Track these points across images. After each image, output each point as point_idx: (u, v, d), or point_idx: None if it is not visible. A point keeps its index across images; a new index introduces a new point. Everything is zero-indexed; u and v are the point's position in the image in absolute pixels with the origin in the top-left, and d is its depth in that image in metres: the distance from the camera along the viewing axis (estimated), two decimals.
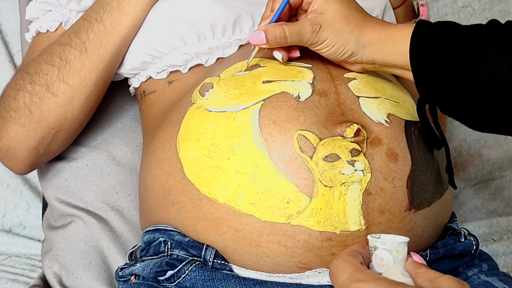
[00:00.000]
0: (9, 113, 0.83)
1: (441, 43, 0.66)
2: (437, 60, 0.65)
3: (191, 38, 0.80)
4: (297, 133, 0.66)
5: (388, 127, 0.69)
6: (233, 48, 0.81)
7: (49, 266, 0.89)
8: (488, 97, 0.63)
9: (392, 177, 0.67)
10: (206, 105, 0.71)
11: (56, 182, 0.92)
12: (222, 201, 0.67)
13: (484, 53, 0.63)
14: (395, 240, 0.55)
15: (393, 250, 0.51)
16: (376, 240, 0.52)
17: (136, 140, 0.94)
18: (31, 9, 0.89)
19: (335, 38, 0.70)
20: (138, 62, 0.84)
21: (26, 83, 0.82)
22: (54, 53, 0.83)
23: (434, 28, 0.67)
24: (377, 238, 0.55)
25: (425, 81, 0.67)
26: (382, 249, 0.52)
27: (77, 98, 0.83)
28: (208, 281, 0.67)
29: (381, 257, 0.52)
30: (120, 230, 0.90)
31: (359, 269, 0.48)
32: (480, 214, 1.27)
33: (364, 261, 0.52)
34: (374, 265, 0.52)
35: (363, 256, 0.52)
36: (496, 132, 0.68)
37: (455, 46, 0.65)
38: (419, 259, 0.56)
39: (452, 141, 1.31)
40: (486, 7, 1.39)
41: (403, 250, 0.52)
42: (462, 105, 0.66)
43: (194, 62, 0.81)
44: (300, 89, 0.70)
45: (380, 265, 0.52)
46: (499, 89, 0.63)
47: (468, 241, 0.74)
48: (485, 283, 0.73)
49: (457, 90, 0.65)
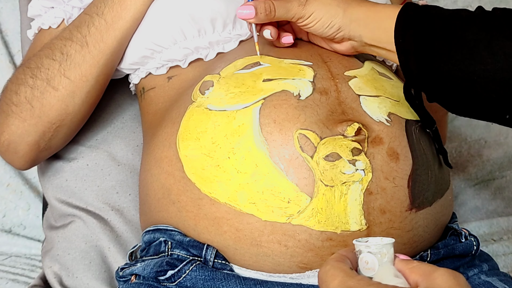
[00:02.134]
0: (10, 108, 0.83)
1: (425, 24, 0.66)
2: (419, 40, 0.66)
3: (191, 32, 0.80)
4: (298, 132, 0.66)
5: (389, 126, 0.69)
6: (233, 43, 0.81)
7: (49, 266, 0.89)
8: (464, 78, 0.63)
9: (393, 177, 0.67)
10: (206, 103, 0.71)
11: (56, 182, 0.92)
12: (222, 201, 0.66)
13: (463, 34, 0.64)
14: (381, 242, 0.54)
15: (378, 253, 0.51)
16: (360, 244, 0.52)
17: (136, 140, 0.94)
18: (34, 6, 0.90)
19: (321, 11, 0.71)
20: (138, 57, 0.84)
21: (28, 77, 0.83)
22: (55, 48, 0.83)
23: (420, 10, 0.68)
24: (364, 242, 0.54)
25: (407, 61, 0.67)
26: (367, 252, 0.51)
27: (78, 92, 0.83)
28: (208, 281, 0.67)
29: (366, 260, 0.51)
30: (120, 230, 0.90)
31: (350, 275, 0.48)
32: (480, 214, 1.27)
33: (352, 266, 0.51)
34: (360, 269, 0.51)
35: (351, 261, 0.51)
36: (475, 117, 0.68)
37: (437, 27, 0.65)
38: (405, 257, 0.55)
39: (452, 141, 1.31)
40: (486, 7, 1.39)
41: (388, 252, 0.51)
42: (441, 86, 0.66)
43: (194, 56, 0.81)
44: (300, 88, 0.70)
45: (366, 268, 0.51)
46: (475, 70, 0.63)
47: (468, 242, 0.74)
48: (486, 283, 0.73)
49: (436, 71, 0.65)
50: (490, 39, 0.62)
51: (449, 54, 0.64)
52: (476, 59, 0.62)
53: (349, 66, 0.75)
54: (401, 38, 0.67)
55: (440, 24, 0.66)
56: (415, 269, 0.49)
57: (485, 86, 0.62)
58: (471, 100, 0.65)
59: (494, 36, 0.62)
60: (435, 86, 0.66)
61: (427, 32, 0.66)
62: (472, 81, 0.63)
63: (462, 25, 0.64)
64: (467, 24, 0.64)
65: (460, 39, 0.64)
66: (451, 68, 0.64)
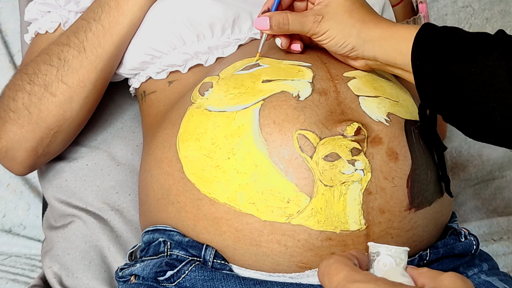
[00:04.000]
0: (8, 114, 0.83)
1: (443, 47, 0.65)
2: (437, 64, 0.65)
3: (190, 37, 0.80)
4: (297, 133, 0.66)
5: (388, 126, 0.69)
6: (232, 47, 0.81)
7: (49, 266, 0.89)
8: (483, 105, 0.62)
9: (393, 177, 0.67)
10: (206, 104, 0.71)
11: (56, 182, 0.92)
12: (222, 201, 0.66)
13: (483, 59, 0.62)
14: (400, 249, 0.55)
15: (397, 257, 0.51)
16: (380, 245, 0.52)
17: (136, 140, 0.94)
18: (30, 10, 0.89)
19: (336, 30, 0.71)
20: (138, 62, 0.84)
21: (25, 83, 0.82)
22: (52, 53, 0.83)
23: (438, 32, 0.67)
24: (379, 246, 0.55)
25: (424, 84, 0.66)
26: (386, 255, 0.52)
27: (76, 98, 0.83)
28: (208, 281, 0.67)
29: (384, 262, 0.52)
30: (120, 230, 0.90)
31: (356, 270, 0.48)
32: (480, 214, 1.27)
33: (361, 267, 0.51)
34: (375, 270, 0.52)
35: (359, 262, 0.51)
36: (492, 142, 0.67)
37: (456, 51, 0.64)
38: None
39: (452, 141, 1.31)
40: (486, 7, 1.39)
41: (405, 258, 0.52)
42: (459, 111, 0.65)
43: (193, 62, 0.81)
44: (299, 88, 0.70)
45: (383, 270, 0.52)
46: (494, 97, 0.62)
47: (468, 241, 0.74)
48: (486, 283, 0.73)
49: (454, 95, 0.64)
50: (511, 66, 0.61)
51: (468, 80, 0.63)
52: (496, 86, 0.61)
53: (348, 67, 0.75)
54: (418, 61, 0.66)
55: (459, 48, 0.64)
56: (423, 273, 0.49)
57: (504, 114, 0.61)
58: (489, 127, 0.64)
59: None
60: (452, 110, 0.65)
61: (445, 56, 0.64)
62: (491, 108, 0.62)
63: (482, 50, 0.63)
64: (487, 49, 0.63)
65: (479, 65, 0.62)
66: (469, 94, 0.63)
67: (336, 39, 0.71)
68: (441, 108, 0.67)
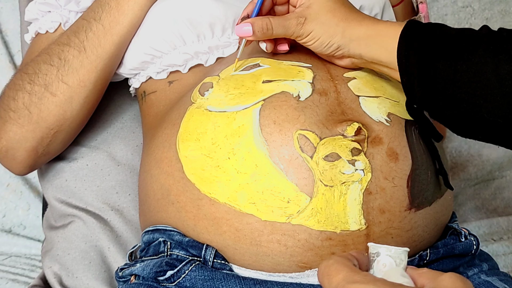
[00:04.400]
0: (8, 114, 0.83)
1: (429, 45, 0.65)
2: (423, 61, 0.65)
3: (190, 37, 0.80)
4: (298, 133, 0.66)
5: (388, 126, 0.69)
6: (232, 47, 0.81)
7: (49, 266, 0.89)
8: (470, 102, 0.62)
9: (393, 177, 0.67)
10: (206, 104, 0.71)
11: (56, 182, 0.92)
12: (222, 201, 0.66)
13: (469, 56, 0.62)
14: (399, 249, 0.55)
15: (397, 258, 0.52)
16: (380, 246, 0.52)
17: (136, 140, 0.94)
18: (30, 10, 0.89)
19: (320, 31, 0.71)
20: (138, 62, 0.84)
21: (25, 83, 0.82)
22: (53, 53, 0.83)
23: (424, 29, 0.66)
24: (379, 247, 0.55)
25: (410, 82, 0.66)
26: (386, 255, 0.52)
27: (76, 97, 0.83)
28: (208, 281, 0.67)
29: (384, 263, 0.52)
30: (120, 230, 0.90)
31: (355, 270, 0.48)
32: (480, 214, 1.27)
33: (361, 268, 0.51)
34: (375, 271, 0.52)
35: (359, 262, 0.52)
36: (479, 139, 0.67)
37: (442, 48, 0.64)
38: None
39: (452, 141, 1.31)
40: (486, 7, 1.39)
41: (405, 259, 0.52)
42: (445, 108, 0.65)
43: (194, 62, 0.81)
44: (300, 89, 0.70)
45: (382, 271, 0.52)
46: (481, 94, 0.61)
47: (468, 241, 0.74)
48: (486, 283, 0.73)
49: (441, 93, 0.64)
50: (497, 63, 0.61)
51: (455, 77, 0.62)
52: (482, 83, 0.61)
53: (348, 68, 0.75)
54: (404, 59, 0.66)
55: (445, 46, 0.64)
56: (423, 274, 0.49)
57: (491, 111, 0.61)
58: (477, 124, 0.63)
59: (501, 60, 0.61)
60: (439, 108, 0.65)
61: (431, 54, 0.64)
62: (478, 105, 0.62)
63: (468, 47, 0.63)
64: (473, 46, 0.62)
65: (466, 62, 0.62)
66: (456, 91, 0.62)
67: (321, 40, 0.71)
68: (428, 106, 0.67)
